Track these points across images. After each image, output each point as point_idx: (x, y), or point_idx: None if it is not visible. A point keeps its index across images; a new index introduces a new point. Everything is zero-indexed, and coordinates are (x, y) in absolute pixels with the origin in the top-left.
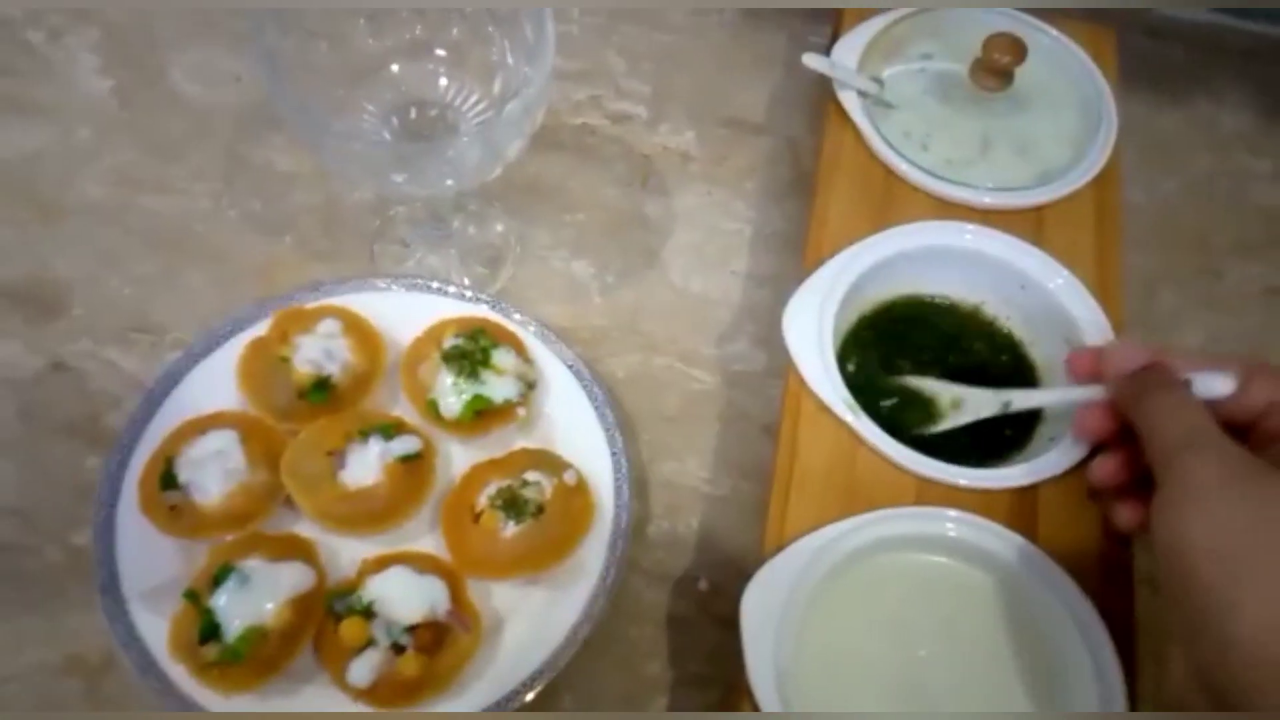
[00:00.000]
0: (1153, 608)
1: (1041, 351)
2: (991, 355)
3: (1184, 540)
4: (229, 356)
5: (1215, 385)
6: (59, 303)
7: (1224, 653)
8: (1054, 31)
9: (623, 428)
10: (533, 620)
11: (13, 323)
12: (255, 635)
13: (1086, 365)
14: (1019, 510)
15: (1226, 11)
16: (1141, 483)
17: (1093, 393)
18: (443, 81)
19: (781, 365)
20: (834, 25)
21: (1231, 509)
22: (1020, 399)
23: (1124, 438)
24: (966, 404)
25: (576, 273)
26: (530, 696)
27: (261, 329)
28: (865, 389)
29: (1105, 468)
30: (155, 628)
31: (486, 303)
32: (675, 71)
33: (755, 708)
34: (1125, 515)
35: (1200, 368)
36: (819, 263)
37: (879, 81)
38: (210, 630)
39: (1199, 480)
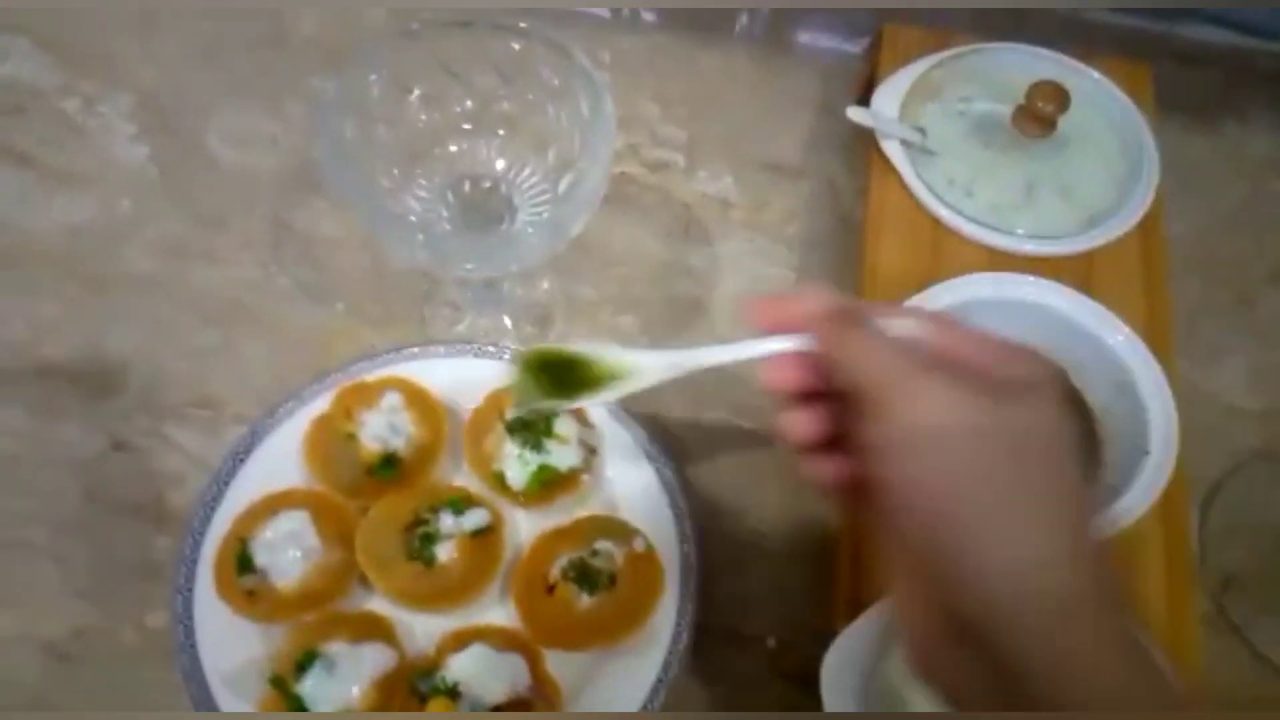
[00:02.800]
0: (1215, 649)
1: (1096, 399)
2: None
3: (920, 477)
4: (292, 432)
5: (908, 327)
6: (114, 380)
7: (974, 583)
8: (1095, 74)
9: (683, 486)
10: (608, 689)
11: (70, 402)
12: None
13: (773, 313)
14: None
15: (1255, 34)
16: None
17: (779, 344)
18: (497, 160)
19: None
20: (870, 64)
21: (962, 443)
22: (693, 358)
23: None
24: (635, 373)
25: (624, 327)
26: None
27: (323, 403)
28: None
29: (806, 422)
30: (240, 710)
31: None
32: (710, 116)
33: None
34: (827, 470)
35: (884, 315)
36: None
37: (921, 131)
38: None
39: (921, 415)
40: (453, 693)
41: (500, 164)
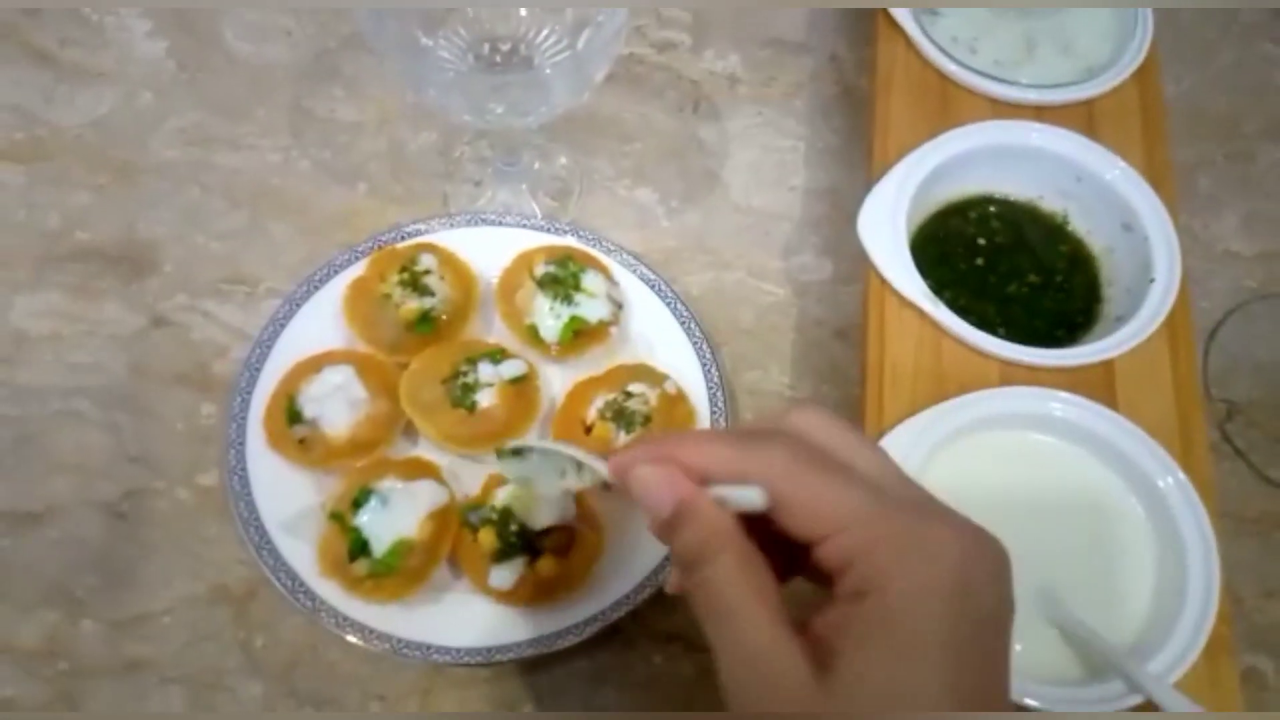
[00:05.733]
0: (1221, 471)
1: (1099, 240)
2: (1051, 246)
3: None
4: (328, 299)
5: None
6: (150, 261)
7: None
8: None
9: (708, 338)
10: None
11: (109, 283)
12: (403, 548)
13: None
14: (1098, 384)
15: None
16: None
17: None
18: (516, 19)
19: (847, 272)
20: None
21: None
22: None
23: None
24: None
25: (641, 199)
26: (652, 589)
27: (356, 271)
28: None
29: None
30: (298, 551)
31: (566, 231)
32: None
33: None
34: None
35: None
36: (886, 168)
37: None
38: (359, 547)
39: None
40: (503, 520)
41: (520, 23)
